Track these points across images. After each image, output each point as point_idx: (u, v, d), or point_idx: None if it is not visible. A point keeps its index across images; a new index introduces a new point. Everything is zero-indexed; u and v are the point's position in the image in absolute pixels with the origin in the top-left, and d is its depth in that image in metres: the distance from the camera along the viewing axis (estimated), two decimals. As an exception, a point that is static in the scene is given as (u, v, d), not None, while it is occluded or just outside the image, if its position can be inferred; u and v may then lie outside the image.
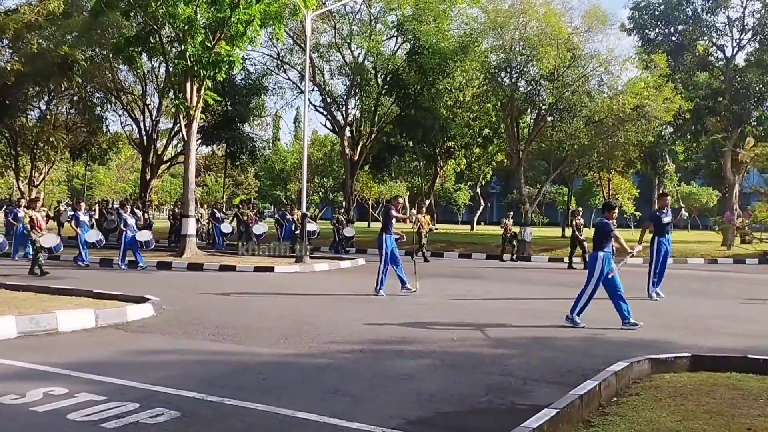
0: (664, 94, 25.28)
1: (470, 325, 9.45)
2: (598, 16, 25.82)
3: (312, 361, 7.21)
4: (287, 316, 10.09)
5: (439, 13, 27.45)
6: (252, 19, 19.01)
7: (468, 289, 14.29)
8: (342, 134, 31.56)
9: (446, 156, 34.02)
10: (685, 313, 11.14)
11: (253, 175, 56.91)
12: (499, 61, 27.07)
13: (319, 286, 14.52)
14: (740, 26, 28.82)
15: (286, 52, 31.79)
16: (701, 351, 7.63)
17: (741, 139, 29.18)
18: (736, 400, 5.57)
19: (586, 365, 6.98)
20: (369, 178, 44.20)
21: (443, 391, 6.03)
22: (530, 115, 30.08)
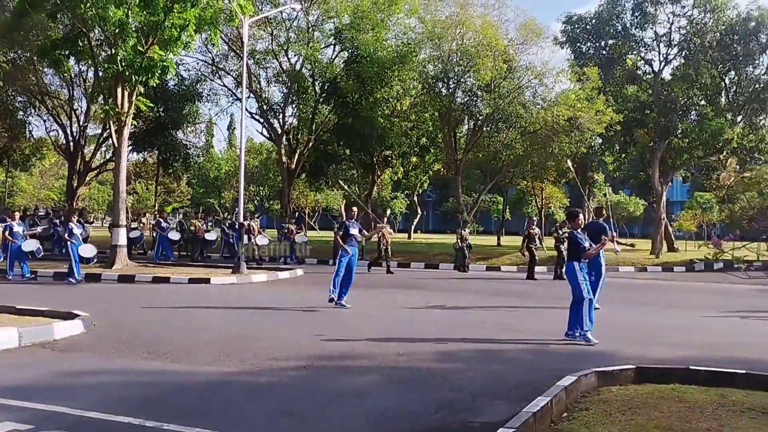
0: (596, 106, 25.95)
1: (415, 338, 9.32)
2: (532, 28, 26.34)
3: (255, 380, 6.94)
4: (226, 331, 9.74)
5: (377, 23, 27.43)
6: (187, 24, 18.50)
7: (409, 299, 14.18)
8: (279, 142, 31.12)
9: (383, 165, 34.03)
10: (626, 323, 11.32)
11: (186, 183, 55.62)
12: (437, 71, 27.26)
13: (258, 299, 14.16)
14: (667, 41, 29.85)
15: (222, 58, 31.18)
16: (644, 362, 7.71)
17: (668, 151, 30.21)
18: (683, 413, 5.62)
19: (533, 379, 6.95)
20: (306, 187, 43.80)
21: (394, 410, 5.88)
22: (467, 125, 30.39)
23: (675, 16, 29.17)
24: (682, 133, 29.56)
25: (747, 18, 27.94)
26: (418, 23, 27.70)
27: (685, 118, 30.08)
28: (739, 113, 29.71)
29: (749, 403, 5.93)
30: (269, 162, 47.66)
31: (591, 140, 27.41)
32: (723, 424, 5.32)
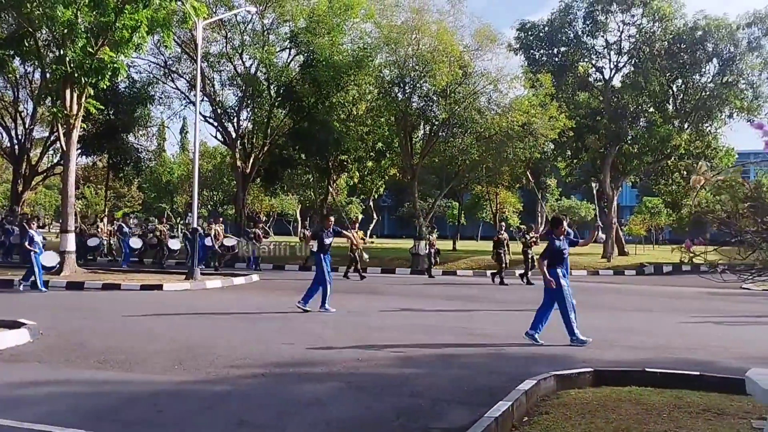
0: (549, 112, 26.31)
1: (374, 343, 9.25)
2: (487, 35, 26.56)
3: (211, 389, 6.76)
4: (181, 339, 9.50)
5: (333, 27, 27.31)
6: (138, 25, 18.11)
7: (368, 304, 14.12)
8: (233, 146, 30.71)
9: (339, 169, 33.88)
10: (581, 326, 11.41)
11: (137, 188, 54.48)
12: (393, 76, 27.29)
13: (213, 305, 13.89)
14: (617, 49, 30.53)
15: (175, 61, 30.66)
16: (601, 364, 7.79)
17: (618, 156, 30.84)
18: (641, 415, 5.67)
19: (493, 383, 6.95)
20: (260, 191, 43.38)
21: (354, 417, 5.80)
22: (423, 130, 30.50)
23: (625, 25, 29.89)
24: (632, 139, 30.23)
25: (694, 27, 28.75)
26: (374, 28, 27.68)
27: (635, 124, 30.80)
28: (686, 120, 30.54)
29: (704, 404, 6.03)
30: (223, 166, 47.07)
31: (544, 146, 27.81)
32: (679, 426, 5.38)
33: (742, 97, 29.03)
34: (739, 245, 2.71)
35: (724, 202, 2.74)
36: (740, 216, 2.61)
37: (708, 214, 2.71)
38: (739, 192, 2.62)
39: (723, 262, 2.78)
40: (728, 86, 28.84)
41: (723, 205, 2.72)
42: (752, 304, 14.57)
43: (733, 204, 2.63)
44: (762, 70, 28.67)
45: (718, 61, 29.17)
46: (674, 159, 31.46)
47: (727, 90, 28.75)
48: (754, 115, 29.01)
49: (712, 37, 28.35)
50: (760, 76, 28.89)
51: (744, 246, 2.67)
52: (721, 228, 2.71)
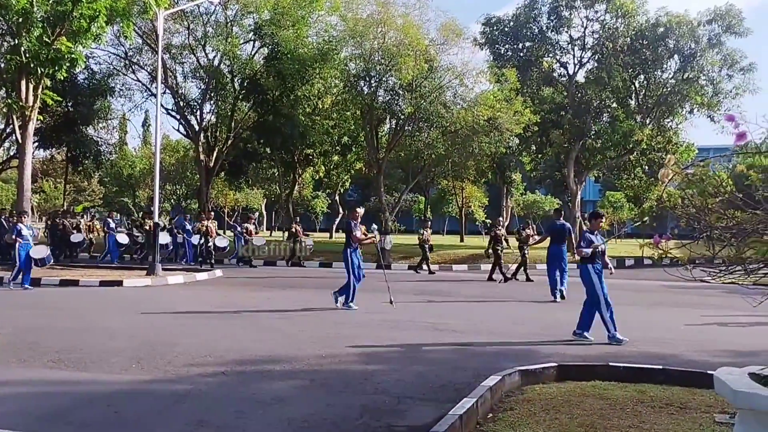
0: (514, 107, 26.40)
1: (338, 340, 9.14)
2: (453, 29, 26.53)
3: (170, 388, 6.58)
4: (140, 336, 9.27)
5: (297, 19, 27.01)
6: (97, 15, 17.68)
7: (331, 299, 13.95)
8: (196, 139, 30.24)
9: (305, 163, 33.66)
10: (546, 320, 11.48)
11: (98, 182, 53.48)
12: (359, 69, 27.11)
13: (175, 301, 13.63)
14: (581, 45, 30.76)
15: (135, 52, 30.03)
16: (565, 359, 7.81)
17: (582, 151, 31.13)
18: (605, 410, 5.67)
19: (458, 379, 6.90)
20: (225, 185, 42.88)
21: (316, 415, 5.68)
22: (389, 125, 30.40)
23: (588, 21, 30.12)
24: (595, 134, 30.52)
25: (656, 24, 29.10)
26: (339, 21, 27.44)
27: (598, 119, 31.09)
28: (648, 115, 30.94)
29: (666, 398, 6.05)
30: (186, 160, 46.39)
31: (509, 140, 27.90)
32: (643, 420, 5.39)
33: (702, 93, 29.46)
34: (708, 241, 2.67)
35: (689, 197, 2.70)
36: (709, 211, 2.57)
37: (676, 209, 2.67)
38: (708, 186, 2.58)
39: (694, 258, 2.74)
40: (689, 82, 29.26)
41: (691, 199, 2.68)
42: (711, 296, 14.79)
43: (702, 199, 2.59)
44: (722, 67, 29.14)
45: (680, 58, 29.58)
46: (636, 154, 31.84)
47: (687, 86, 29.17)
48: (713, 110, 29.49)
49: (674, 34, 28.71)
50: (720, 73, 29.36)
51: (713, 241, 2.64)
52: (690, 223, 2.67)
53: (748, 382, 2.61)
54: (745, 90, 28.95)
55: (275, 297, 14.65)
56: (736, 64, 28.85)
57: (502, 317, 11.82)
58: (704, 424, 5.26)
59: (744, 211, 2.49)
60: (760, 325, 10.86)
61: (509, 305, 13.60)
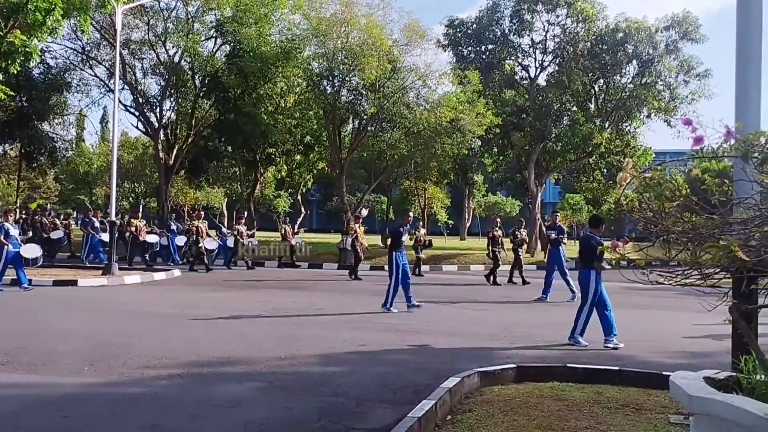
0: (476, 109, 26.55)
1: (298, 341, 9.05)
2: (416, 30, 26.56)
3: (123, 391, 6.43)
4: (93, 337, 9.05)
5: (260, 17, 26.74)
6: (52, 8, 17.21)
7: (293, 300, 13.86)
8: (156, 137, 29.73)
9: (267, 162, 33.34)
10: (506, 321, 11.54)
11: (53, 178, 52.24)
12: (322, 69, 26.96)
13: (131, 302, 13.36)
14: (542, 48, 31.10)
15: (93, 47, 29.38)
16: (524, 360, 7.85)
17: (543, 154, 31.47)
18: (562, 412, 5.70)
19: (417, 381, 6.88)
20: (185, 184, 42.24)
21: (274, 419, 5.60)
22: (352, 124, 30.31)
23: (550, 25, 30.46)
24: (555, 137, 30.85)
25: (615, 29, 29.55)
26: (302, 19, 27.25)
27: (559, 122, 31.44)
28: (607, 119, 31.40)
29: (623, 399, 6.12)
30: (145, 157, 45.61)
31: (471, 142, 28.03)
32: (600, 421, 5.43)
33: (659, 98, 30.02)
34: (665, 244, 2.68)
35: (647, 200, 2.71)
36: (666, 215, 2.58)
37: (633, 212, 2.68)
38: (665, 190, 2.59)
39: (651, 260, 2.75)
40: (647, 87, 29.78)
41: (648, 203, 2.69)
42: (665, 298, 15.05)
43: (659, 202, 2.60)
44: (678, 72, 29.71)
45: (638, 63, 30.08)
46: (595, 157, 32.32)
47: (645, 91, 29.69)
48: (670, 115, 30.06)
49: (632, 39, 29.19)
50: (676, 78, 29.94)
51: (669, 245, 2.65)
52: (647, 226, 2.68)
53: (703, 386, 2.63)
54: (701, 95, 29.57)
55: (233, 297, 14.46)
56: (693, 70, 29.45)
57: (463, 318, 11.85)
58: (659, 424, 5.33)
59: (700, 215, 2.52)
60: (712, 325, 11.07)
61: (470, 306, 13.64)
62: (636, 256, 2.93)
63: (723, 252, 2.19)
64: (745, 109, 4.25)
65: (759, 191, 2.52)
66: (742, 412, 2.34)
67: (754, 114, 4.25)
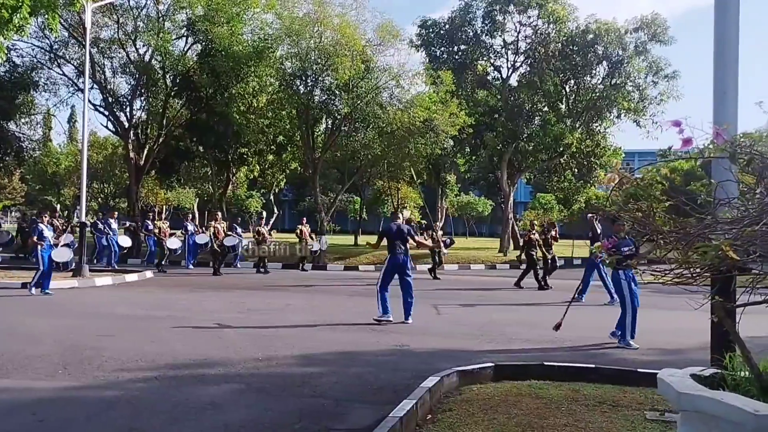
0: (449, 109, 26.67)
1: (276, 342, 9.00)
2: (389, 30, 26.58)
3: (99, 394, 6.33)
4: (66, 341, 8.90)
5: (232, 16, 26.51)
6: (20, 5, 16.82)
7: (267, 301, 13.79)
8: (126, 137, 29.31)
9: (239, 162, 33.09)
10: (481, 321, 11.61)
11: (19, 179, 51.28)
12: (295, 68, 26.85)
13: (103, 304, 13.17)
14: (514, 49, 31.36)
15: (61, 45, 28.87)
16: (502, 359, 7.90)
17: (515, 154, 31.71)
18: (541, 410, 5.75)
19: (396, 380, 6.89)
20: (156, 184, 41.75)
21: (253, 421, 5.56)
22: (325, 124, 30.25)
23: (522, 26, 30.72)
24: (527, 137, 31.10)
25: (586, 30, 29.90)
26: (275, 19, 27.10)
27: (530, 123, 31.70)
28: (577, 119, 31.76)
29: (600, 396, 6.19)
30: (115, 158, 44.96)
31: (444, 142, 28.13)
32: (578, 419, 5.49)
33: (629, 98, 30.44)
34: (656, 245, 2.73)
35: (634, 201, 2.74)
36: (655, 215, 2.62)
37: (622, 212, 2.71)
38: (656, 191, 2.63)
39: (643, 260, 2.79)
40: (616, 88, 30.18)
41: (637, 204, 2.72)
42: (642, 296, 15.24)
43: (648, 204, 2.63)
44: (648, 74, 30.16)
45: (608, 64, 30.47)
46: (566, 157, 32.67)
47: (615, 92, 30.09)
48: (639, 116, 30.50)
49: (603, 41, 29.56)
50: (645, 79, 30.38)
51: (660, 245, 2.69)
52: (635, 227, 2.72)
53: (691, 383, 2.67)
54: (669, 96, 30.07)
55: (207, 299, 14.34)
56: (661, 71, 29.93)
57: (439, 318, 11.90)
58: (636, 421, 5.40)
59: (689, 216, 2.56)
60: (681, 322, 11.27)
61: (446, 306, 13.69)
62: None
63: (714, 251, 2.24)
64: (723, 109, 4.34)
65: (743, 191, 2.57)
66: (732, 409, 2.38)
67: (732, 114, 4.35)
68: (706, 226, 2.44)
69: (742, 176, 2.65)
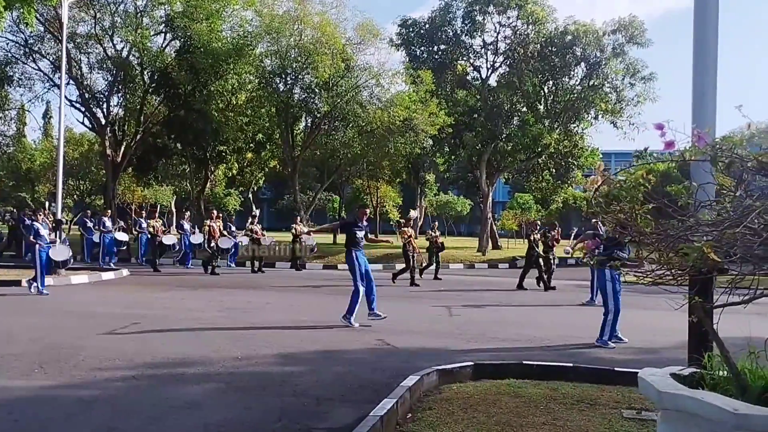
0: (429, 108, 26.77)
1: (255, 341, 8.97)
2: (370, 29, 26.62)
3: (76, 394, 6.26)
4: (42, 339, 8.79)
5: (211, 12, 26.39)
6: (-5, -1, 16.60)
7: (247, 300, 13.73)
8: (102, 133, 29.05)
9: (217, 160, 32.93)
10: (460, 319, 11.66)
11: (-7, 175, 50.55)
12: (274, 66, 26.78)
13: (79, 302, 13.02)
14: (494, 50, 31.53)
15: (37, 40, 28.54)
16: (480, 358, 7.94)
17: (494, 154, 31.87)
18: (520, 408, 5.79)
19: (376, 380, 6.90)
20: (132, 181, 41.42)
21: (233, 420, 5.54)
22: (305, 123, 30.20)
23: (501, 26, 30.89)
24: (506, 138, 31.28)
25: (564, 32, 30.13)
26: (255, 16, 27.02)
27: (509, 123, 31.88)
28: (556, 120, 32.01)
29: (578, 395, 6.25)
30: (91, 154, 44.51)
31: (424, 141, 28.23)
32: (556, 417, 5.54)
33: (606, 100, 30.75)
34: (639, 246, 2.76)
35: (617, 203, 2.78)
36: (638, 217, 2.65)
37: (606, 214, 2.74)
38: (639, 193, 2.66)
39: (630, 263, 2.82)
40: (594, 89, 30.46)
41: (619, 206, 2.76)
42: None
43: (631, 206, 2.67)
44: (625, 75, 30.49)
45: (586, 65, 30.75)
46: (545, 157, 32.92)
47: (593, 93, 30.37)
48: (617, 117, 30.82)
49: (581, 42, 29.81)
50: (623, 81, 30.71)
51: (642, 247, 2.73)
52: (617, 228, 2.76)
53: (672, 382, 2.72)
54: (646, 98, 30.42)
55: (185, 297, 14.24)
56: (638, 73, 30.27)
57: (418, 316, 11.92)
58: (613, 419, 5.46)
59: (671, 218, 2.60)
60: (656, 322, 11.43)
61: (425, 304, 13.73)
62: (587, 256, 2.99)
63: (696, 253, 2.28)
64: (702, 111, 4.41)
65: (723, 193, 2.63)
66: (712, 408, 2.43)
67: (711, 116, 4.43)
68: (687, 228, 2.49)
69: (722, 179, 2.71)
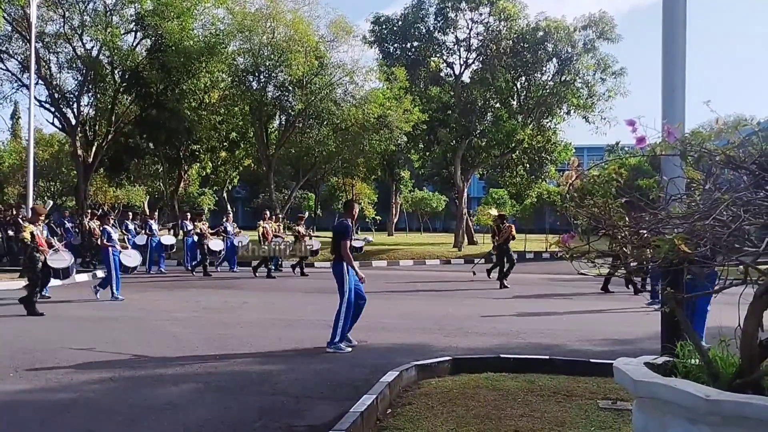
0: (403, 105, 26.81)
1: (233, 341, 8.95)
2: (343, 26, 26.57)
3: (53, 397, 6.21)
4: (16, 343, 8.68)
5: (182, 11, 26.10)
6: (-39, -2, 16.35)
7: (224, 300, 13.67)
8: (73, 134, 28.61)
9: (191, 159, 32.62)
10: (437, 315, 11.73)
11: (-41, 177, 49.57)
12: (247, 64, 26.63)
13: (55, 304, 12.82)
14: (467, 46, 31.67)
15: (4, 40, 27.99)
16: (458, 352, 8.02)
17: (468, 150, 32.03)
18: (498, 401, 5.86)
19: (355, 376, 6.94)
20: (104, 182, 40.86)
21: (213, 420, 5.53)
22: (279, 121, 30.07)
23: (473, 23, 31.04)
24: (480, 133, 31.46)
25: (536, 28, 30.37)
26: (226, 14, 26.81)
27: (483, 119, 32.07)
28: (529, 116, 32.28)
29: (554, 387, 6.34)
30: (62, 155, 43.84)
31: (399, 138, 28.27)
32: (533, 409, 5.62)
33: (578, 95, 31.08)
34: (611, 239, 2.83)
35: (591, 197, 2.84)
36: (611, 211, 2.72)
37: (580, 209, 2.80)
38: (612, 188, 2.72)
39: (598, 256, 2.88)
40: (566, 85, 30.77)
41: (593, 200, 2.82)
42: (586, 289, 15.63)
43: (604, 200, 2.73)
44: (596, 71, 30.83)
45: (557, 61, 31.03)
46: (518, 153, 33.16)
47: (565, 88, 30.67)
48: (588, 112, 31.17)
49: (552, 38, 30.08)
50: (594, 76, 31.06)
51: (615, 240, 2.79)
52: (592, 222, 2.82)
53: (646, 371, 2.79)
54: (617, 93, 30.81)
55: (161, 298, 14.14)
56: (609, 68, 30.64)
57: (395, 313, 11.97)
58: (589, 410, 5.55)
59: (641, 211, 2.67)
60: (628, 312, 11.63)
61: (401, 300, 13.79)
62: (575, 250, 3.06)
63: (668, 245, 2.35)
64: (672, 105, 4.52)
65: (692, 186, 2.70)
66: (685, 395, 2.51)
67: (680, 110, 4.53)
68: (659, 221, 2.56)
69: (691, 173, 2.78)
